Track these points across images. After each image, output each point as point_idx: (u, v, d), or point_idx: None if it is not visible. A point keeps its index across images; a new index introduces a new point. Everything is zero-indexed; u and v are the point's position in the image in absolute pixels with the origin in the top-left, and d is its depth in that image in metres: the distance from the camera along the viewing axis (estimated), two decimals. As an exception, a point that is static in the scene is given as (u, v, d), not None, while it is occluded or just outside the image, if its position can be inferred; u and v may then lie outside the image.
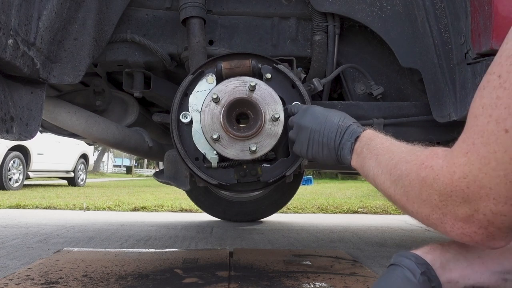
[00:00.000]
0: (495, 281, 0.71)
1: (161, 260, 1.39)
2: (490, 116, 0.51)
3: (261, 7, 1.28)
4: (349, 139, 0.86)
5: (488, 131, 0.51)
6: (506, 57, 0.50)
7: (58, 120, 1.29)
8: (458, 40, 1.02)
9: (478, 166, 0.52)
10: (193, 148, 1.06)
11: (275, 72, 1.09)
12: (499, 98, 0.50)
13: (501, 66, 0.50)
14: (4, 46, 0.79)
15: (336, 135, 0.88)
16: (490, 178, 0.51)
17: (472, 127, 0.54)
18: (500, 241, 0.57)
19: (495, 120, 0.50)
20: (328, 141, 0.89)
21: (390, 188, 0.69)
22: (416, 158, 0.64)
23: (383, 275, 0.75)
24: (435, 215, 0.60)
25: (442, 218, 0.59)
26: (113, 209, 3.80)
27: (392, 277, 0.72)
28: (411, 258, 0.72)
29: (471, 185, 0.53)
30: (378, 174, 0.73)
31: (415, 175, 0.62)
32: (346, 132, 0.87)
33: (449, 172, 0.56)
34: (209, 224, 2.73)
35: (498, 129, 0.49)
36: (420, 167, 0.62)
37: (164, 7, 1.27)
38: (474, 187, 0.53)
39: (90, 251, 1.53)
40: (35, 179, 9.11)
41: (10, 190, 6.59)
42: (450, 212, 0.57)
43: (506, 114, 0.49)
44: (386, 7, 1.19)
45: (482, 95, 0.53)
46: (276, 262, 1.39)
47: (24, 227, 2.48)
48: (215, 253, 1.52)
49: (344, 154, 0.86)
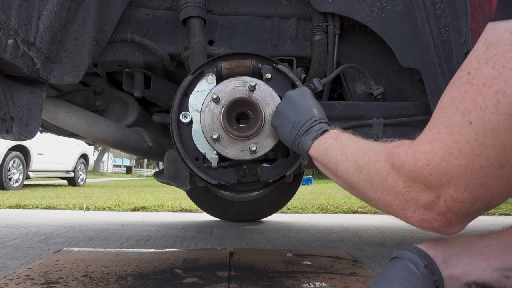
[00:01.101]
0: (497, 277, 0.70)
1: (161, 260, 1.39)
2: (457, 108, 0.53)
3: (261, 7, 1.28)
4: (317, 130, 0.89)
5: (454, 122, 0.53)
6: (475, 56, 0.53)
7: (58, 120, 1.29)
8: (458, 40, 1.02)
9: (441, 155, 0.55)
10: (193, 148, 1.06)
11: (275, 72, 1.09)
12: (466, 93, 0.52)
13: (470, 64, 0.53)
14: (4, 46, 0.79)
15: (308, 121, 0.91)
16: (452, 166, 0.54)
17: (439, 118, 0.57)
18: (456, 227, 0.60)
19: (461, 112, 0.53)
20: (298, 120, 0.92)
21: (353, 175, 0.72)
22: (386, 148, 0.67)
23: (386, 267, 0.75)
24: (397, 202, 0.62)
25: (404, 204, 0.61)
26: (113, 209, 3.80)
27: (396, 269, 0.72)
28: (413, 251, 0.73)
29: (433, 172, 0.56)
30: (342, 161, 0.77)
31: (383, 163, 0.65)
32: (317, 123, 0.91)
33: (413, 159, 0.59)
34: (209, 224, 2.73)
35: (463, 121, 0.52)
36: (388, 155, 0.64)
37: (164, 7, 1.27)
38: (437, 174, 0.56)
39: (90, 251, 1.53)
40: (35, 179, 9.11)
41: (10, 190, 6.59)
42: (412, 198, 0.60)
43: (471, 107, 0.51)
44: (386, 7, 1.19)
45: (452, 89, 0.56)
46: (276, 262, 1.39)
47: (24, 227, 2.48)
48: (215, 253, 1.52)
49: (305, 139, 0.89)
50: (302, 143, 0.90)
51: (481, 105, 0.50)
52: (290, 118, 0.95)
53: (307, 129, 0.91)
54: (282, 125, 0.97)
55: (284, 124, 0.96)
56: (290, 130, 0.94)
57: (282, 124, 0.97)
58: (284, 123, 0.96)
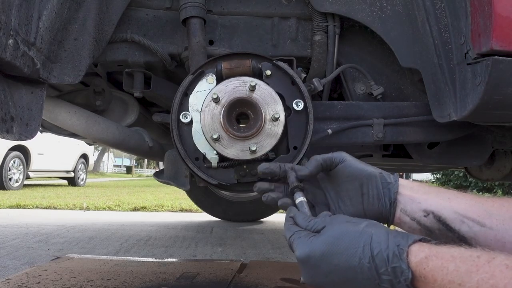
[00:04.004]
0: (454, 218, 0.70)
1: (156, 273, 1.32)
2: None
3: (261, 7, 1.28)
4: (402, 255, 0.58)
5: None
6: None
7: (58, 120, 1.29)
8: (458, 40, 1.02)
9: None
10: (193, 148, 1.06)
11: (275, 69, 1.09)
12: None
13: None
14: (4, 46, 0.79)
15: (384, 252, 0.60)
16: None
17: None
18: None
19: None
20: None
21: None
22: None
23: None
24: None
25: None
26: (113, 209, 3.80)
27: None
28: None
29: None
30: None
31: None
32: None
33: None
34: (209, 224, 2.73)
35: None
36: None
37: (164, 7, 1.27)
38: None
39: (88, 260, 1.48)
40: (35, 179, 9.11)
41: (10, 190, 6.59)
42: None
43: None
44: (386, 7, 1.19)
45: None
46: (290, 280, 1.25)
47: (24, 227, 2.48)
48: (223, 266, 1.43)
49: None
50: None
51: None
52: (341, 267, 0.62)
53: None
54: None
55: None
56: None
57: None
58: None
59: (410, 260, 0.57)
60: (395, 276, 0.57)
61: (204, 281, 1.26)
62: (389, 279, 0.58)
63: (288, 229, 0.74)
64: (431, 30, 1.10)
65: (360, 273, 0.60)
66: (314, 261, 0.64)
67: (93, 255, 1.73)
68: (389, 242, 0.59)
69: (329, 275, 0.63)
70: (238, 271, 1.37)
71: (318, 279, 0.65)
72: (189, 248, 2.12)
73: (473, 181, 9.04)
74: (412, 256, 0.57)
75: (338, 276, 0.62)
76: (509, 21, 0.85)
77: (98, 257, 1.54)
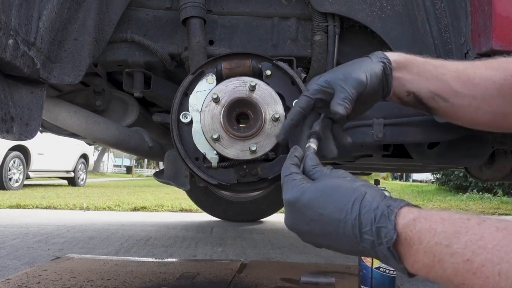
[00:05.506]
0: (428, 97, 0.83)
1: (156, 273, 1.32)
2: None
3: (261, 7, 1.28)
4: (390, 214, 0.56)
5: None
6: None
7: (58, 120, 1.29)
8: (458, 40, 1.02)
9: None
10: (193, 148, 1.06)
11: (275, 69, 1.09)
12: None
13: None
14: (4, 46, 0.79)
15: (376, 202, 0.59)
16: None
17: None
18: None
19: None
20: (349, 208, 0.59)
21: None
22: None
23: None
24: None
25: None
26: (113, 209, 3.80)
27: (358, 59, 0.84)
28: (377, 54, 0.83)
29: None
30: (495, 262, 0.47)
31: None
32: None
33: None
34: (209, 224, 2.73)
35: None
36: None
37: (164, 7, 1.27)
38: None
39: (88, 260, 1.48)
40: (35, 179, 9.11)
41: (10, 190, 6.59)
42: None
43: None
44: (386, 7, 1.19)
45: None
46: (290, 281, 1.26)
47: (24, 227, 2.48)
48: (223, 266, 1.44)
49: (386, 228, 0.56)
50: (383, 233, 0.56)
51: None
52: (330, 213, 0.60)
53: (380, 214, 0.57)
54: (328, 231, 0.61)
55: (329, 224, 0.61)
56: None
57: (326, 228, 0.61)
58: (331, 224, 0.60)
59: (398, 221, 0.55)
60: (378, 237, 0.55)
61: (204, 281, 1.26)
62: (371, 239, 0.56)
63: (287, 168, 0.73)
64: (431, 30, 1.10)
65: (342, 227, 0.58)
66: (300, 206, 0.63)
67: (93, 255, 1.73)
68: (381, 202, 0.57)
69: (310, 223, 0.62)
70: (238, 271, 1.37)
71: (298, 226, 0.65)
72: (189, 248, 2.12)
73: (473, 181, 9.05)
74: (400, 217, 0.55)
75: (319, 226, 0.61)
76: (509, 21, 0.86)
77: (98, 257, 1.54)
